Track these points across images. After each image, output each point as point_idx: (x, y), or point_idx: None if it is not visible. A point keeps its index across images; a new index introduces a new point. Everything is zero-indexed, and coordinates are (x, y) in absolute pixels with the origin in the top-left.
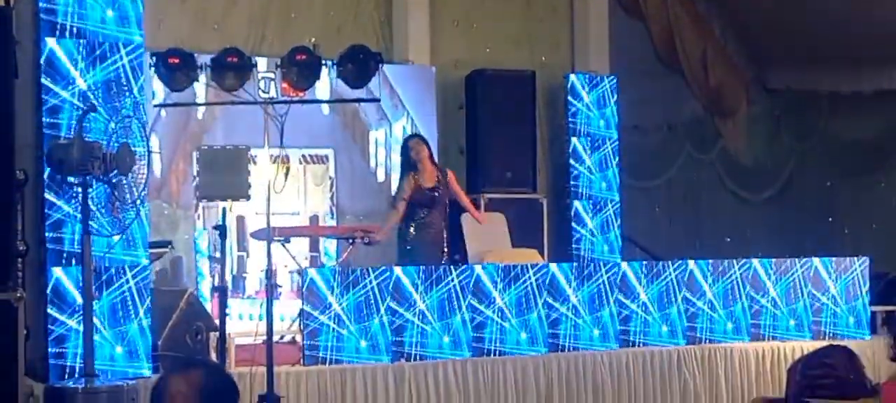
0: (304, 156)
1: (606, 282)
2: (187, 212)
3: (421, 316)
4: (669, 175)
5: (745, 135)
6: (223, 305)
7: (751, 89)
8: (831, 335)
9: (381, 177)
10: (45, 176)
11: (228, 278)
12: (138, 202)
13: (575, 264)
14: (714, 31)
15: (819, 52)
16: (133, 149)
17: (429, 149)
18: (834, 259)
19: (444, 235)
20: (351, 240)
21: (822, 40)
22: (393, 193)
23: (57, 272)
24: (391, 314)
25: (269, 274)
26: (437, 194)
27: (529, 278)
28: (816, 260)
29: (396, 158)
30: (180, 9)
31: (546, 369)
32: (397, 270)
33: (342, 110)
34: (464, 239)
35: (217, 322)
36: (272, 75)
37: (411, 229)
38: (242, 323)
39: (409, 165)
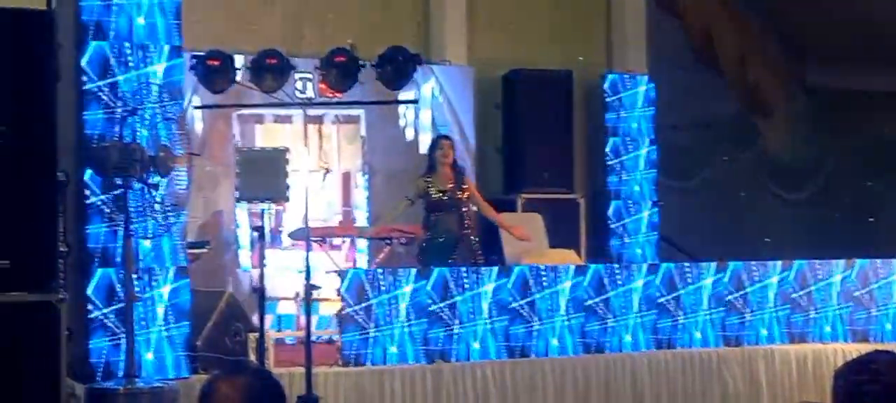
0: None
1: (644, 283)
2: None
3: (459, 317)
4: (707, 174)
5: (784, 133)
6: (262, 306)
7: (789, 87)
8: (875, 338)
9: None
10: (87, 178)
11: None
12: (176, 204)
13: (612, 265)
14: (752, 28)
15: (858, 50)
16: (172, 151)
17: (455, 153)
18: (875, 260)
19: (466, 241)
20: (388, 241)
21: (862, 38)
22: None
23: (98, 273)
24: (429, 315)
25: (308, 275)
26: (446, 199)
27: (567, 279)
28: (858, 261)
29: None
30: (217, 8)
31: (585, 371)
32: (435, 271)
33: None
34: (501, 240)
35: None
36: (310, 75)
37: (426, 232)
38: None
39: (429, 166)
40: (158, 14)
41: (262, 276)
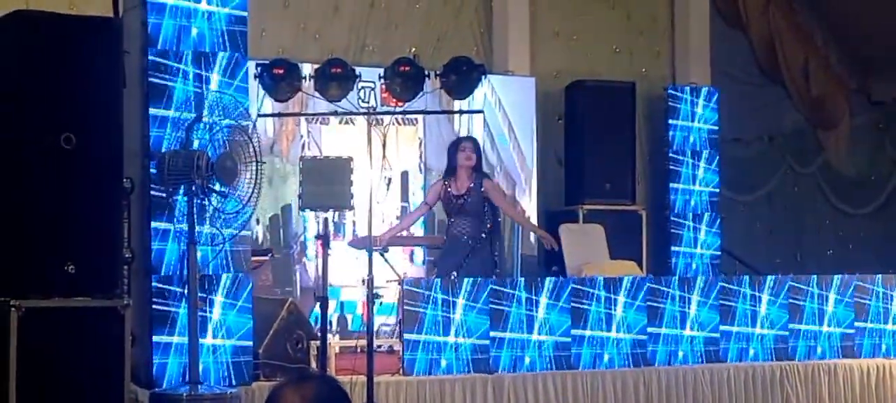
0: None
1: (706, 296)
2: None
3: (520, 328)
4: (770, 188)
5: (848, 147)
6: (324, 315)
7: (853, 100)
8: None
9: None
10: (151, 184)
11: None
12: (241, 212)
13: (674, 277)
14: (816, 40)
15: None
16: (236, 159)
17: (478, 158)
18: None
19: (482, 248)
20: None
21: None
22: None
23: (162, 280)
24: (490, 325)
25: (371, 283)
26: (463, 202)
27: (628, 290)
28: None
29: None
30: (282, 18)
31: (646, 383)
32: (498, 281)
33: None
34: (562, 250)
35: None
36: (373, 84)
37: (444, 236)
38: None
39: (449, 169)
40: (225, 23)
41: (325, 285)
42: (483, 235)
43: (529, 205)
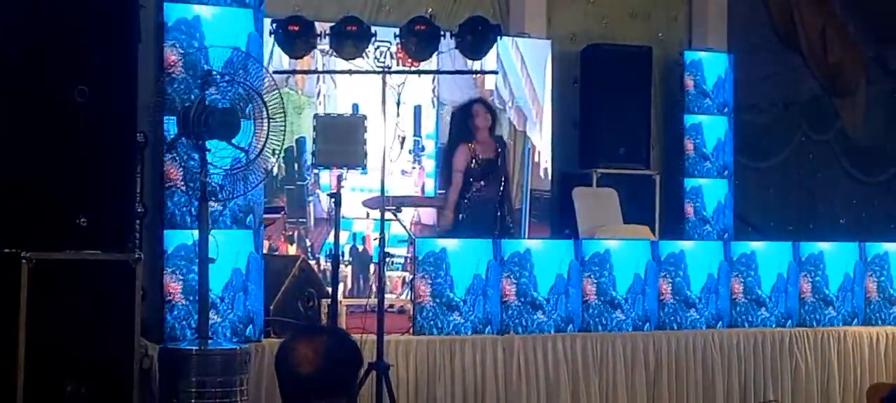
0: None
1: (718, 261)
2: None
3: (532, 289)
4: (785, 155)
5: (864, 115)
6: (335, 273)
7: (870, 68)
8: None
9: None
10: (165, 139)
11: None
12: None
13: (687, 242)
14: (834, 7)
15: None
16: (251, 115)
17: (493, 118)
18: None
19: (499, 210)
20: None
21: None
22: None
23: (174, 234)
24: (501, 285)
25: (383, 243)
26: (490, 167)
27: (641, 255)
28: None
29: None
30: None
31: (656, 346)
32: (509, 242)
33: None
34: (575, 214)
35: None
36: (389, 44)
37: (465, 201)
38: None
39: (464, 133)
40: None
41: (336, 244)
42: (500, 197)
43: (543, 168)
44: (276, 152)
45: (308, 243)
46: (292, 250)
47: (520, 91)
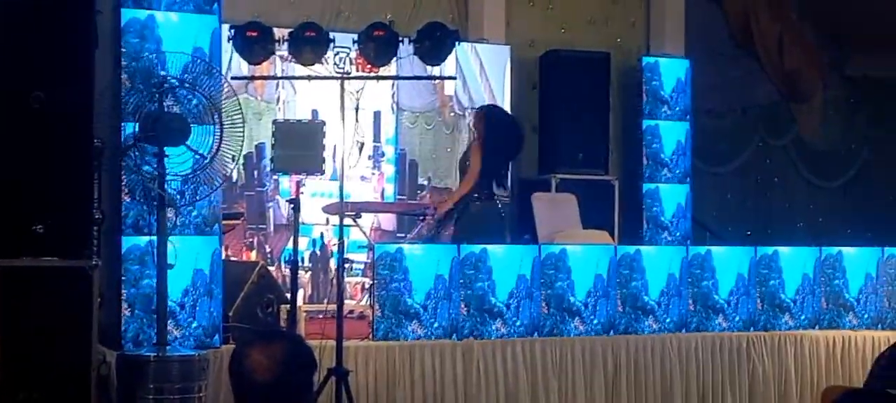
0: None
1: (676, 266)
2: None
3: (490, 294)
4: (742, 160)
5: (820, 120)
6: (295, 279)
7: (827, 74)
8: None
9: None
10: (122, 145)
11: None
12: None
13: (644, 247)
14: (791, 14)
15: None
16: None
17: (482, 125)
18: None
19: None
20: (421, 216)
21: None
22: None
23: (132, 241)
24: (460, 291)
25: (341, 248)
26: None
27: (600, 259)
28: (890, 249)
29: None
30: None
31: (614, 351)
32: (467, 247)
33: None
34: (534, 219)
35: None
36: (348, 49)
37: (477, 201)
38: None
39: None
40: None
41: (295, 250)
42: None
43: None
44: (235, 158)
45: (268, 249)
46: (253, 256)
47: (479, 96)
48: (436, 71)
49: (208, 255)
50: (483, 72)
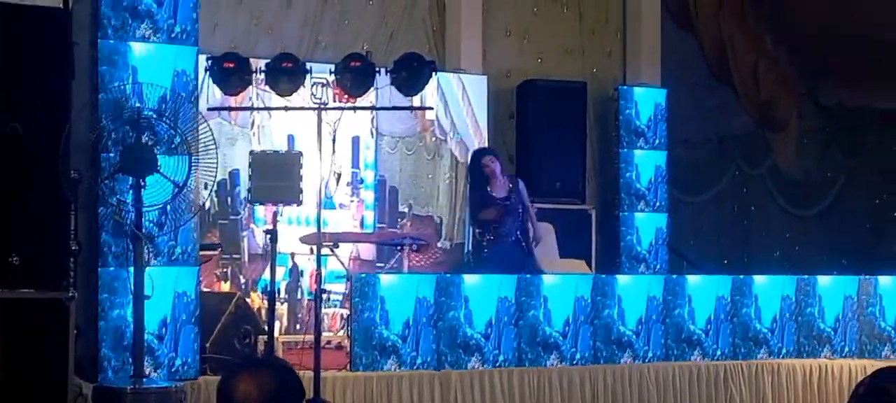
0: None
1: (654, 295)
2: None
3: (468, 324)
4: (719, 189)
5: (796, 149)
6: (272, 309)
7: (802, 104)
8: (884, 355)
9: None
10: (99, 176)
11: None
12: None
13: (623, 276)
14: (766, 44)
15: (871, 69)
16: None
17: (500, 162)
18: (884, 277)
19: (523, 242)
20: (399, 247)
21: (875, 56)
22: (468, 208)
23: (109, 272)
24: (438, 321)
25: (319, 278)
26: (508, 204)
27: (577, 288)
28: (866, 277)
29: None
30: (235, 12)
31: (592, 381)
32: (445, 277)
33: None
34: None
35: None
36: (325, 80)
37: (486, 239)
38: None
39: (480, 180)
40: (176, 15)
41: (273, 280)
42: (521, 233)
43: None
44: (209, 186)
45: (242, 280)
46: (226, 287)
47: (462, 122)
48: (416, 100)
49: (186, 286)
50: (466, 98)
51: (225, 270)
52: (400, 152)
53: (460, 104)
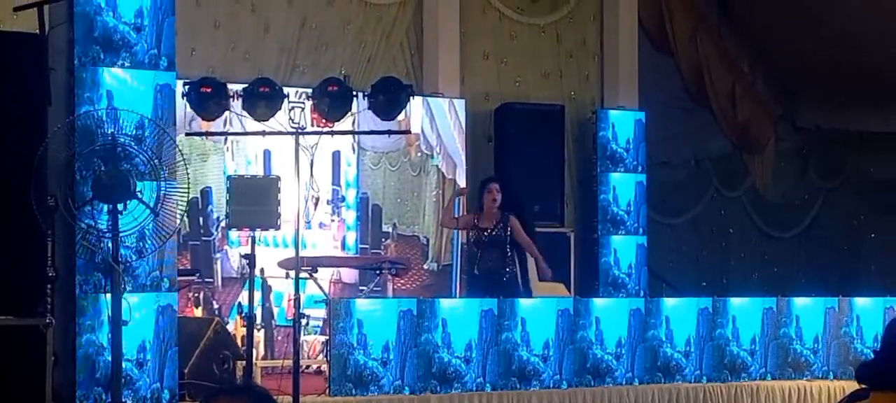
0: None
1: (633, 317)
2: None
3: (447, 348)
4: (697, 211)
5: (773, 172)
6: (250, 334)
7: (779, 126)
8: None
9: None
10: (76, 202)
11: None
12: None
13: (600, 298)
14: (743, 67)
15: (848, 91)
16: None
17: (503, 196)
18: (861, 298)
19: (507, 275)
20: (378, 271)
21: (851, 79)
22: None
23: (86, 298)
24: (417, 345)
25: (297, 304)
26: (488, 237)
27: (556, 311)
28: (844, 299)
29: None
30: (212, 37)
31: (571, 402)
32: (424, 301)
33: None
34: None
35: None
36: (303, 104)
37: (474, 268)
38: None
39: (477, 206)
40: (153, 41)
41: (250, 305)
42: (508, 267)
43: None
44: (181, 211)
45: (216, 305)
46: (198, 313)
47: (449, 136)
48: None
49: (164, 312)
50: (453, 111)
51: (197, 295)
52: (383, 168)
53: (447, 117)
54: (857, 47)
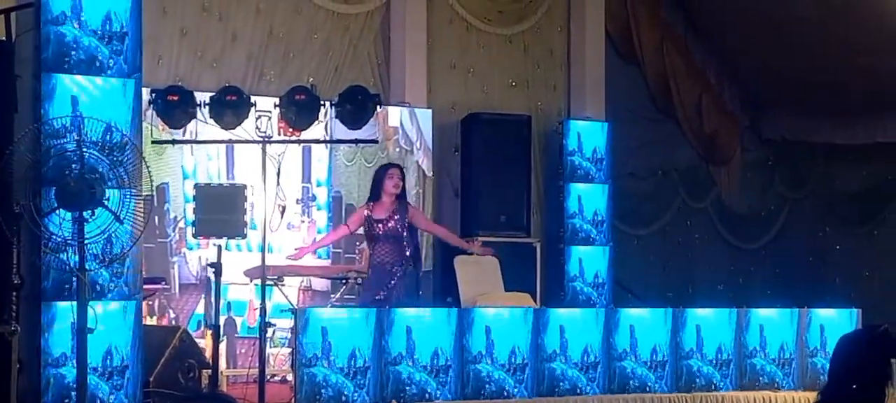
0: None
1: (598, 328)
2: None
3: (413, 358)
4: (663, 222)
5: (739, 183)
6: (216, 343)
7: (745, 137)
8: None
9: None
10: (41, 209)
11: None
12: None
13: (566, 309)
14: (709, 78)
15: (814, 103)
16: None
17: (404, 183)
18: (827, 309)
19: (399, 273)
20: (344, 280)
21: (818, 91)
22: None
23: (52, 305)
24: (384, 355)
25: (263, 313)
26: (384, 228)
27: (522, 322)
28: (810, 310)
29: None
30: (179, 46)
31: None
32: (386, 311)
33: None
34: (457, 282)
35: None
36: (270, 113)
37: (367, 265)
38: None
39: (374, 193)
40: (119, 49)
41: (217, 314)
42: (403, 261)
43: (423, 236)
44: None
45: (172, 314)
46: (152, 321)
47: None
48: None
49: (129, 320)
50: (414, 118)
51: (151, 303)
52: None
53: (410, 127)
54: (823, 60)
